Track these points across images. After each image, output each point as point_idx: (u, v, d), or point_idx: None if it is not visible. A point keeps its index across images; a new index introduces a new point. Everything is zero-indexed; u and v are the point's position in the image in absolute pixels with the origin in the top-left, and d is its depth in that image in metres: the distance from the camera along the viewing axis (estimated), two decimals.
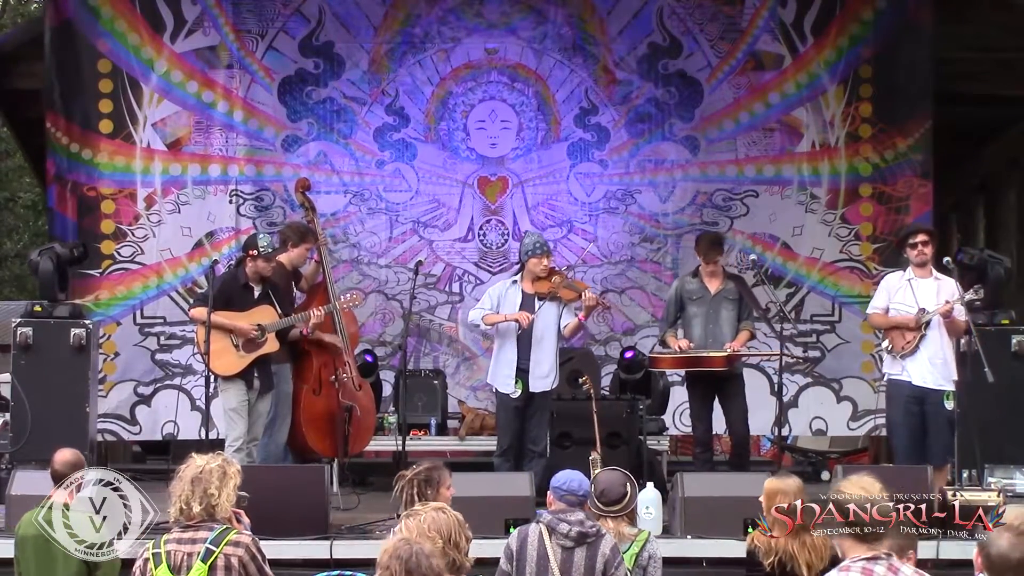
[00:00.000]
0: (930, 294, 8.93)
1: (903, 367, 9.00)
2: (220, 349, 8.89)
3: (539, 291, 9.09)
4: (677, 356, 9.33)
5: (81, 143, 11.18)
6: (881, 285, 9.36)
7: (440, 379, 11.03)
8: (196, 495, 4.94)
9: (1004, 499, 8.05)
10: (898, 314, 9.03)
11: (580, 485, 5.81)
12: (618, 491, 6.04)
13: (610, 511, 5.99)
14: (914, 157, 11.40)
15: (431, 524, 4.64)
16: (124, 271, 11.22)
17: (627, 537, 6.02)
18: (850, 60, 11.43)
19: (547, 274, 9.10)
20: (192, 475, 4.97)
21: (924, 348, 8.92)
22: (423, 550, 4.19)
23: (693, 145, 11.58)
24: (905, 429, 9.09)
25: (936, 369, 8.91)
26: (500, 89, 11.65)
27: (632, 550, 6.01)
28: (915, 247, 9.05)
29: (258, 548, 4.97)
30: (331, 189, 11.49)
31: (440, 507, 4.76)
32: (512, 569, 5.70)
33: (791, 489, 6.17)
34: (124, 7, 11.21)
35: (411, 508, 4.90)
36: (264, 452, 9.31)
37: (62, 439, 7.96)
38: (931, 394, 8.92)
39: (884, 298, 9.17)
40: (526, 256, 9.13)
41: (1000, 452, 9.44)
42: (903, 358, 8.98)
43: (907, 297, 8.99)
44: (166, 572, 4.89)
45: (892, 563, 4.15)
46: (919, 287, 8.98)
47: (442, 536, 4.63)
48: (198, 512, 4.95)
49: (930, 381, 8.91)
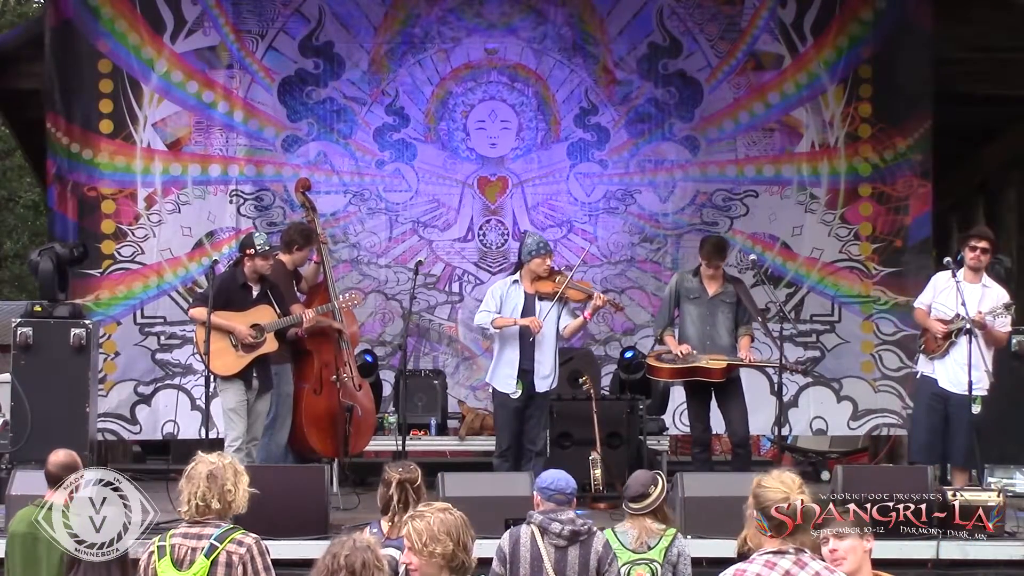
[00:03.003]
0: (974, 300, 8.86)
1: (933, 367, 9.02)
2: (219, 349, 8.89)
3: (540, 291, 9.07)
4: (675, 367, 9.30)
5: (81, 143, 11.19)
6: (930, 282, 9.30)
7: (440, 379, 11.03)
8: (214, 492, 4.93)
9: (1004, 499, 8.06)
10: (938, 314, 9.01)
11: (567, 484, 5.88)
12: (638, 489, 6.25)
13: (631, 508, 6.23)
14: (913, 157, 11.41)
15: (440, 526, 4.57)
16: (124, 271, 11.23)
17: (654, 532, 6.15)
18: (850, 60, 11.44)
19: (548, 274, 9.09)
20: (207, 472, 4.96)
21: (954, 352, 8.89)
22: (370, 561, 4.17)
23: (693, 145, 11.59)
24: (925, 425, 9.09)
25: (964, 373, 8.81)
26: (500, 89, 11.66)
27: (661, 545, 6.21)
28: (975, 251, 9.00)
29: (261, 550, 4.97)
30: (331, 189, 11.49)
31: (446, 507, 4.68)
32: (505, 571, 5.72)
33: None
34: (124, 7, 11.22)
35: (416, 510, 4.81)
36: (264, 452, 9.31)
37: (62, 439, 7.97)
38: (955, 397, 8.88)
39: (930, 295, 9.16)
40: (528, 256, 9.10)
41: (1000, 452, 9.45)
42: (932, 359, 8.99)
43: (950, 299, 8.97)
44: (169, 565, 4.90)
45: (800, 558, 4.16)
46: (964, 291, 8.88)
47: (452, 538, 4.56)
48: (216, 508, 4.95)
49: (955, 385, 8.88)
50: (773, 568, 4.13)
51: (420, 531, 4.56)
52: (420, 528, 4.57)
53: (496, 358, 9.22)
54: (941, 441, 8.96)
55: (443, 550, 4.52)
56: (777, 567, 4.13)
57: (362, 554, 4.20)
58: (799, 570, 4.13)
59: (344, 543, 4.25)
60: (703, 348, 9.27)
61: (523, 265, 9.16)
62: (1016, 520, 8.35)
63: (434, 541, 4.52)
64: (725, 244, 9.74)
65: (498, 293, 9.16)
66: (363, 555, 4.20)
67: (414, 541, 4.54)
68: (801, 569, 4.14)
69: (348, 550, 4.20)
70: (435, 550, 4.51)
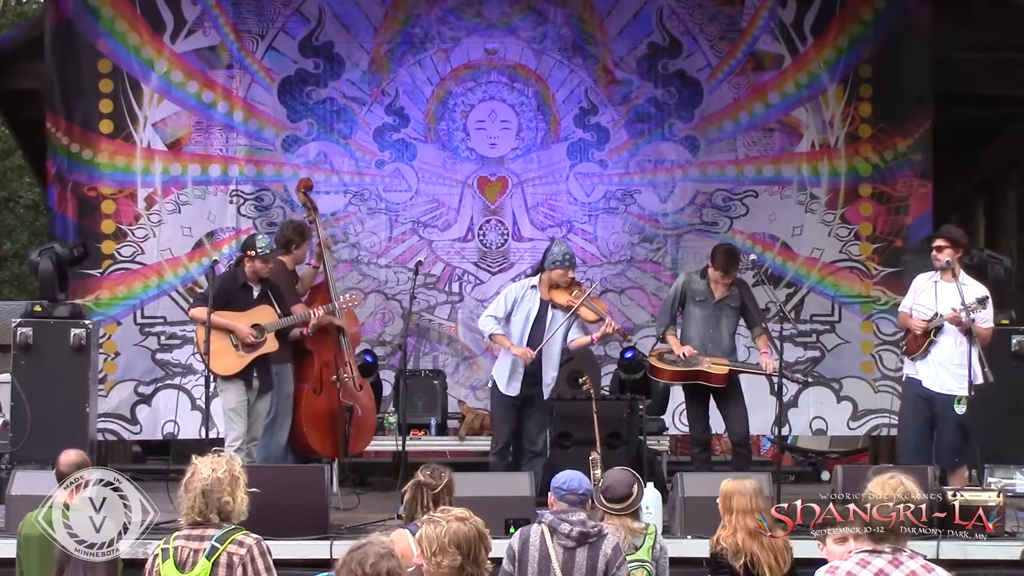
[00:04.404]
0: (951, 298, 8.89)
1: (916, 368, 9.05)
2: (220, 349, 8.89)
3: (555, 300, 9.13)
4: (677, 369, 9.31)
5: (81, 143, 11.18)
6: (912, 284, 9.36)
7: (440, 379, 11.03)
8: (212, 506, 4.90)
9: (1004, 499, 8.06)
10: (918, 316, 9.05)
11: (580, 484, 5.84)
12: (622, 490, 6.20)
13: (613, 508, 6.16)
14: (914, 157, 11.40)
15: (451, 537, 4.49)
16: (124, 271, 11.23)
17: (637, 532, 6.19)
18: (850, 60, 11.44)
19: (567, 285, 9.14)
20: (202, 487, 4.90)
21: (934, 352, 8.92)
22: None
23: (693, 145, 11.58)
24: (912, 426, 9.13)
25: (947, 373, 8.87)
26: (500, 89, 11.66)
27: (646, 544, 6.24)
28: (933, 251, 9.07)
29: (263, 550, 4.96)
30: (331, 189, 11.49)
31: (463, 516, 4.58)
32: (514, 570, 5.71)
33: (747, 491, 6.43)
34: (124, 7, 11.22)
35: (431, 514, 4.72)
36: (264, 452, 9.31)
37: (62, 439, 7.99)
38: (939, 397, 8.91)
39: (911, 298, 9.22)
40: (552, 265, 9.15)
41: (1000, 452, 9.45)
42: (913, 360, 9.01)
43: (928, 299, 9.02)
44: (172, 567, 4.89)
45: (897, 557, 4.12)
46: (942, 290, 8.95)
47: (461, 551, 4.48)
48: (215, 521, 4.93)
49: (938, 385, 8.91)
50: (866, 567, 4.11)
51: (431, 539, 4.51)
52: (431, 536, 4.52)
53: (503, 358, 9.28)
54: (928, 442, 8.97)
55: (450, 562, 4.47)
56: (871, 565, 4.11)
57: (386, 562, 4.10)
58: (893, 569, 4.11)
59: (367, 550, 4.12)
60: (705, 350, 9.28)
61: (543, 271, 9.20)
62: (1016, 520, 8.36)
63: (442, 552, 4.47)
64: (738, 254, 9.71)
65: (512, 297, 9.21)
66: (387, 563, 4.11)
67: (424, 547, 4.49)
68: (896, 568, 4.12)
69: (373, 557, 4.09)
70: (442, 561, 4.47)
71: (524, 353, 9.04)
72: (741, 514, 6.53)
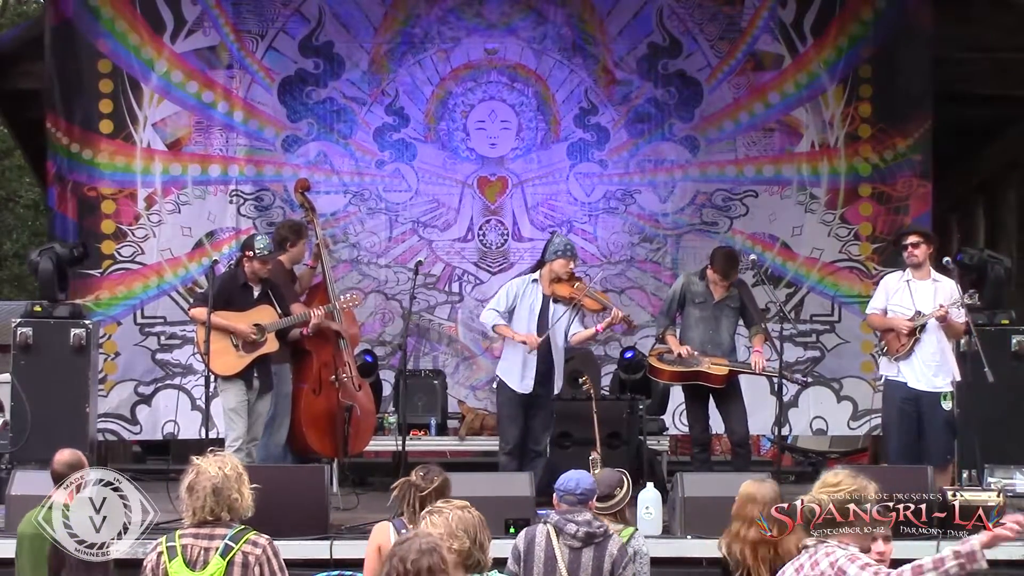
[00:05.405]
0: (927, 296, 8.91)
1: (898, 369, 9.00)
2: (220, 349, 8.89)
3: (557, 293, 9.07)
4: (677, 370, 9.29)
5: (81, 143, 11.18)
6: (880, 285, 9.35)
7: (440, 379, 11.03)
8: (222, 505, 4.89)
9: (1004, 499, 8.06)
10: (895, 316, 9.02)
11: (578, 484, 5.84)
12: (605, 490, 6.21)
13: (596, 507, 6.11)
14: (913, 157, 11.41)
15: (458, 523, 4.60)
16: (124, 271, 11.23)
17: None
18: (850, 60, 11.44)
19: (569, 277, 9.10)
20: (212, 486, 4.89)
21: (919, 350, 8.90)
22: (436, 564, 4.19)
23: (693, 145, 11.59)
24: (899, 430, 9.07)
25: (932, 371, 8.89)
26: (500, 89, 11.66)
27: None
28: (907, 248, 9.05)
29: (276, 551, 4.97)
30: (331, 189, 11.49)
31: (464, 505, 4.71)
32: (520, 570, 5.72)
33: (767, 497, 6.01)
34: (124, 7, 11.22)
35: (435, 505, 4.86)
36: (264, 452, 9.31)
37: (62, 439, 7.97)
38: (926, 396, 8.90)
39: (882, 299, 9.16)
40: (553, 256, 9.09)
41: (1000, 452, 9.44)
42: (898, 360, 8.98)
43: (904, 299, 8.99)
44: (181, 565, 4.86)
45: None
46: (917, 289, 8.95)
47: (469, 536, 4.59)
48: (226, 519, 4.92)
49: (925, 383, 8.90)
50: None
51: (438, 526, 4.59)
52: (438, 523, 4.60)
53: (511, 353, 9.13)
54: (917, 443, 8.96)
55: (459, 546, 4.54)
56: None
57: (428, 558, 4.20)
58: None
59: (410, 546, 4.24)
60: (705, 352, 9.26)
61: (544, 264, 9.16)
62: None
63: (451, 537, 4.54)
64: (737, 257, 9.67)
65: (513, 291, 9.14)
66: (429, 559, 4.20)
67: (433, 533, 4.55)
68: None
69: (415, 554, 4.20)
70: (451, 546, 4.52)
71: (529, 338, 8.96)
72: (747, 525, 6.36)
